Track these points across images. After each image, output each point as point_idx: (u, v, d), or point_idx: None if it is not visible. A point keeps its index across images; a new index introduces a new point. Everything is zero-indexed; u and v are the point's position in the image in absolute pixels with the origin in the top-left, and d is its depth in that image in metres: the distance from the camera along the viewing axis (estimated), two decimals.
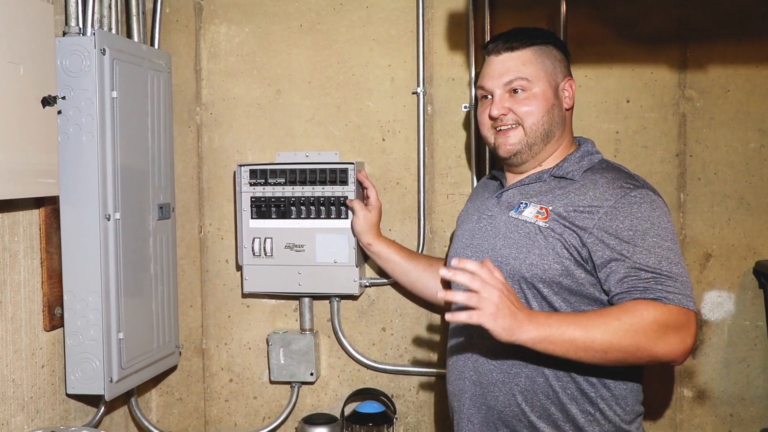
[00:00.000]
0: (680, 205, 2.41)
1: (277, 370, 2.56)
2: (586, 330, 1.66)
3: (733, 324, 2.41)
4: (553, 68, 1.94)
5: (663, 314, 1.66)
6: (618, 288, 1.73)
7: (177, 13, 2.62)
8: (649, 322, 1.65)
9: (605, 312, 1.69)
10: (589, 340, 1.65)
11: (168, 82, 2.45)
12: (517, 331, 1.64)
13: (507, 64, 1.93)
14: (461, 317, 1.63)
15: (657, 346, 1.66)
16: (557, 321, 1.67)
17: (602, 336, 1.65)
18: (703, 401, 2.44)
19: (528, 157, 1.94)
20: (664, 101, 2.40)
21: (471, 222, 2.03)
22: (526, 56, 1.92)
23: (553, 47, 1.97)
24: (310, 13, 2.56)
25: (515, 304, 1.66)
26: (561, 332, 1.65)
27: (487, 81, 1.96)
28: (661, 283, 1.69)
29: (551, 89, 1.93)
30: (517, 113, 1.91)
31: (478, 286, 1.62)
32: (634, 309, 1.67)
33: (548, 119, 1.92)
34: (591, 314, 1.70)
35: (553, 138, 1.94)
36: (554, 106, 1.93)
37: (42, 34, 1.92)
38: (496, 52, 1.95)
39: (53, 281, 2.13)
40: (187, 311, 2.68)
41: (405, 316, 2.57)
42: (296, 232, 2.45)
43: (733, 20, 2.36)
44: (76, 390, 2.15)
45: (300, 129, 2.58)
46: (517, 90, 1.91)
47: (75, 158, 2.07)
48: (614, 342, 1.65)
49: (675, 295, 1.68)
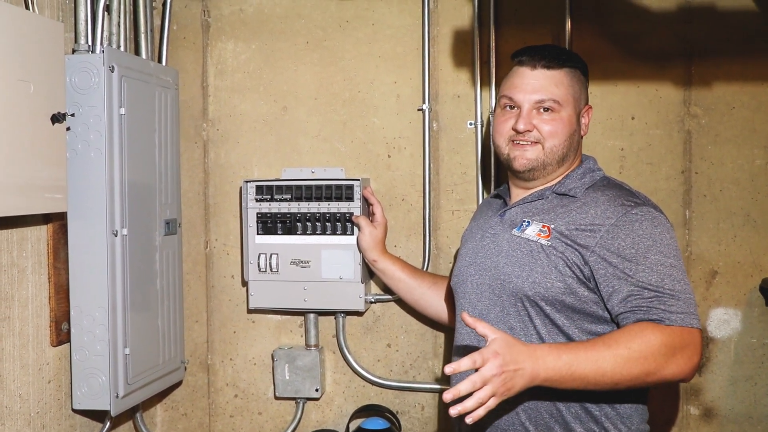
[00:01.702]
0: (686, 222, 2.41)
1: (282, 386, 2.56)
2: (595, 365, 1.64)
3: (739, 342, 2.41)
4: (579, 94, 1.96)
5: (668, 337, 1.66)
6: (621, 308, 1.73)
7: (184, 30, 2.64)
8: (657, 347, 1.65)
9: (612, 342, 1.67)
10: (599, 374, 1.65)
11: (175, 98, 2.47)
12: (530, 383, 1.63)
13: (542, 82, 1.92)
14: (481, 413, 1.59)
15: (665, 369, 1.66)
16: (567, 361, 1.64)
17: (612, 368, 1.64)
18: (710, 420, 2.43)
19: (540, 175, 1.95)
20: (669, 118, 2.41)
21: (474, 240, 2.03)
22: (560, 78, 1.92)
23: (581, 72, 1.98)
24: (316, 30, 2.57)
25: (516, 346, 1.62)
26: (571, 372, 1.64)
27: (517, 93, 1.94)
28: (663, 303, 1.69)
29: (575, 114, 1.94)
30: (541, 132, 1.91)
31: (479, 383, 1.57)
32: (641, 336, 1.66)
33: (567, 144, 1.92)
34: (599, 345, 1.67)
35: (567, 162, 1.95)
36: (575, 132, 1.94)
37: (52, 52, 1.94)
38: (531, 66, 1.93)
39: (60, 297, 2.13)
40: (192, 326, 2.68)
41: (410, 332, 2.57)
42: (302, 248, 2.45)
43: (738, 37, 2.36)
44: (82, 405, 2.15)
45: (306, 145, 2.59)
46: (546, 109, 1.91)
47: (83, 174, 2.08)
48: (624, 373, 1.65)
49: (678, 315, 1.68)
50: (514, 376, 1.60)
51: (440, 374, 2.55)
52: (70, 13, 2.20)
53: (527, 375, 1.61)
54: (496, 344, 1.60)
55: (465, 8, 2.48)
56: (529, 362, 1.62)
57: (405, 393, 2.58)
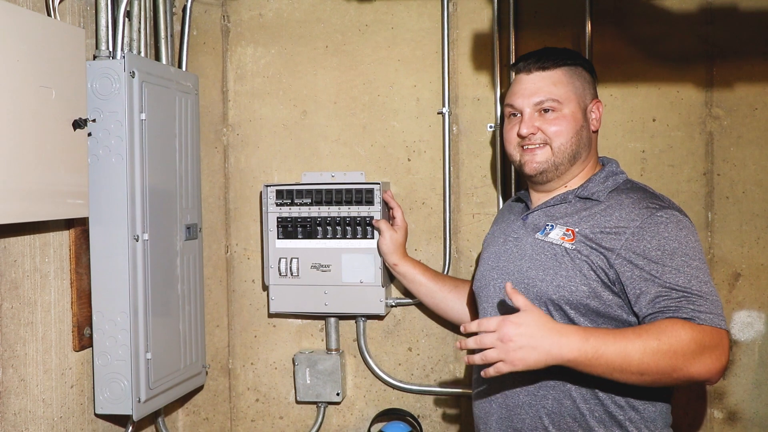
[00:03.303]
0: (708, 224, 2.39)
1: (303, 390, 2.56)
2: (624, 351, 1.64)
3: (763, 344, 2.38)
4: (582, 90, 1.95)
5: (699, 334, 1.64)
6: (650, 309, 1.71)
7: (204, 36, 2.65)
8: (687, 342, 1.63)
9: (642, 331, 1.66)
10: (626, 362, 1.64)
11: (195, 103, 2.48)
12: (549, 360, 1.66)
13: (538, 84, 1.93)
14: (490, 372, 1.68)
15: (693, 367, 1.65)
16: (594, 345, 1.64)
17: (640, 358, 1.63)
18: (734, 423, 2.40)
19: (553, 176, 1.94)
20: (691, 120, 2.39)
21: (497, 244, 2.02)
22: (557, 76, 1.93)
23: (582, 68, 1.97)
24: (335, 34, 2.58)
25: (546, 325, 1.66)
26: (598, 356, 1.64)
27: (516, 99, 1.96)
28: (692, 303, 1.68)
29: (580, 110, 1.93)
30: (546, 133, 1.91)
31: (490, 341, 1.66)
32: (671, 329, 1.65)
33: (576, 140, 1.92)
34: (628, 333, 1.66)
35: (579, 159, 1.94)
36: (582, 128, 1.93)
37: (74, 58, 1.95)
38: (526, 71, 1.95)
39: (82, 302, 2.15)
40: (213, 331, 2.69)
41: (431, 336, 2.56)
42: (322, 252, 2.45)
43: (760, 38, 2.34)
44: (104, 410, 2.16)
45: (326, 149, 2.59)
46: (547, 110, 1.92)
47: (104, 180, 2.09)
48: (651, 364, 1.63)
49: (707, 315, 1.67)
50: (524, 347, 1.64)
51: (461, 378, 2.54)
52: (91, 20, 2.21)
53: (543, 351, 1.64)
54: (521, 316, 1.66)
55: (484, 11, 2.48)
56: (549, 340, 1.65)
57: (426, 397, 2.57)
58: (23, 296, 1.95)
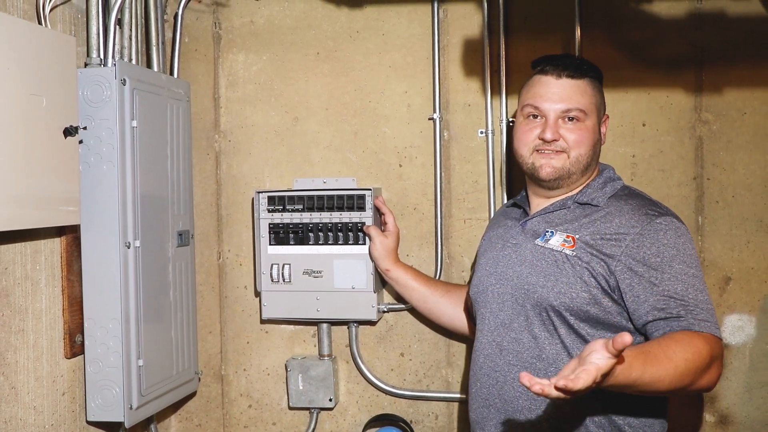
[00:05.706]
0: (698, 228, 2.40)
1: (295, 396, 2.56)
2: (657, 377, 1.56)
3: (754, 348, 2.39)
4: (600, 104, 1.97)
5: (710, 347, 1.64)
6: (649, 316, 1.72)
7: (196, 43, 2.66)
8: (704, 358, 1.62)
9: (672, 353, 1.59)
10: (656, 386, 1.58)
11: (187, 110, 2.48)
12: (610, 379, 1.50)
13: (568, 91, 1.92)
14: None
15: (701, 380, 1.65)
16: (638, 368, 1.53)
17: (670, 381, 1.58)
18: (725, 426, 2.41)
19: (564, 184, 1.95)
20: (681, 125, 2.40)
21: (495, 250, 2.02)
22: (584, 87, 1.93)
23: (598, 82, 1.99)
24: (326, 41, 2.58)
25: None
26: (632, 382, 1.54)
27: (543, 102, 1.93)
28: (691, 312, 1.69)
29: (598, 124, 1.95)
30: (567, 141, 1.91)
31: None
32: (694, 346, 1.61)
33: (592, 153, 1.93)
34: (661, 358, 1.57)
35: (589, 170, 1.96)
36: (598, 141, 1.95)
37: (64, 66, 1.95)
38: (556, 75, 1.93)
39: (74, 309, 2.14)
40: (206, 337, 2.69)
41: (423, 341, 2.56)
42: (314, 258, 2.46)
43: (748, 43, 2.36)
44: (96, 417, 2.16)
45: (317, 156, 2.60)
46: (572, 118, 1.91)
47: (96, 187, 2.09)
48: (677, 383, 1.59)
49: (705, 323, 1.68)
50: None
51: (454, 383, 2.55)
52: (82, 27, 2.21)
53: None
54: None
55: (475, 17, 2.49)
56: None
57: (419, 402, 2.57)
58: (14, 304, 1.95)
